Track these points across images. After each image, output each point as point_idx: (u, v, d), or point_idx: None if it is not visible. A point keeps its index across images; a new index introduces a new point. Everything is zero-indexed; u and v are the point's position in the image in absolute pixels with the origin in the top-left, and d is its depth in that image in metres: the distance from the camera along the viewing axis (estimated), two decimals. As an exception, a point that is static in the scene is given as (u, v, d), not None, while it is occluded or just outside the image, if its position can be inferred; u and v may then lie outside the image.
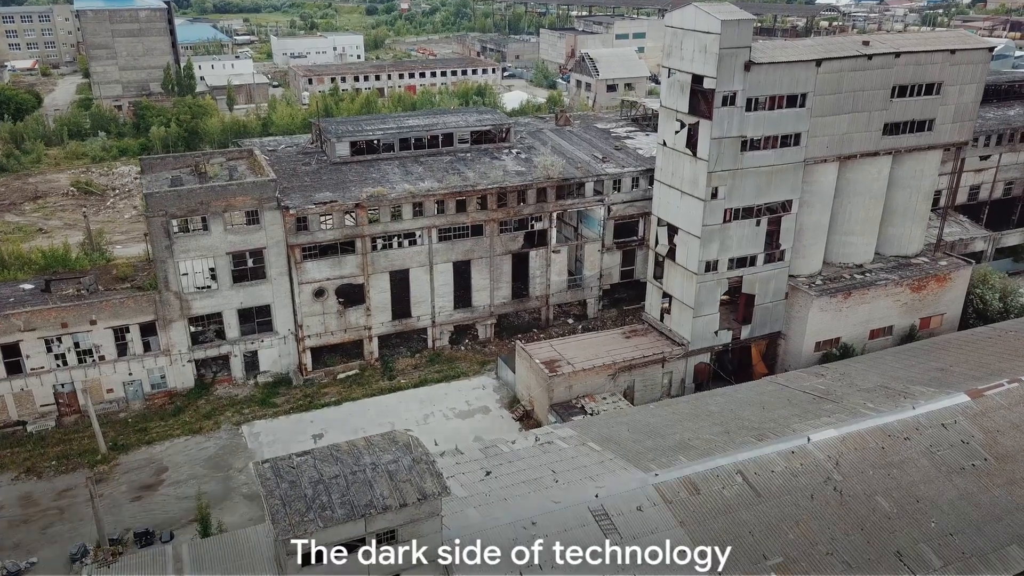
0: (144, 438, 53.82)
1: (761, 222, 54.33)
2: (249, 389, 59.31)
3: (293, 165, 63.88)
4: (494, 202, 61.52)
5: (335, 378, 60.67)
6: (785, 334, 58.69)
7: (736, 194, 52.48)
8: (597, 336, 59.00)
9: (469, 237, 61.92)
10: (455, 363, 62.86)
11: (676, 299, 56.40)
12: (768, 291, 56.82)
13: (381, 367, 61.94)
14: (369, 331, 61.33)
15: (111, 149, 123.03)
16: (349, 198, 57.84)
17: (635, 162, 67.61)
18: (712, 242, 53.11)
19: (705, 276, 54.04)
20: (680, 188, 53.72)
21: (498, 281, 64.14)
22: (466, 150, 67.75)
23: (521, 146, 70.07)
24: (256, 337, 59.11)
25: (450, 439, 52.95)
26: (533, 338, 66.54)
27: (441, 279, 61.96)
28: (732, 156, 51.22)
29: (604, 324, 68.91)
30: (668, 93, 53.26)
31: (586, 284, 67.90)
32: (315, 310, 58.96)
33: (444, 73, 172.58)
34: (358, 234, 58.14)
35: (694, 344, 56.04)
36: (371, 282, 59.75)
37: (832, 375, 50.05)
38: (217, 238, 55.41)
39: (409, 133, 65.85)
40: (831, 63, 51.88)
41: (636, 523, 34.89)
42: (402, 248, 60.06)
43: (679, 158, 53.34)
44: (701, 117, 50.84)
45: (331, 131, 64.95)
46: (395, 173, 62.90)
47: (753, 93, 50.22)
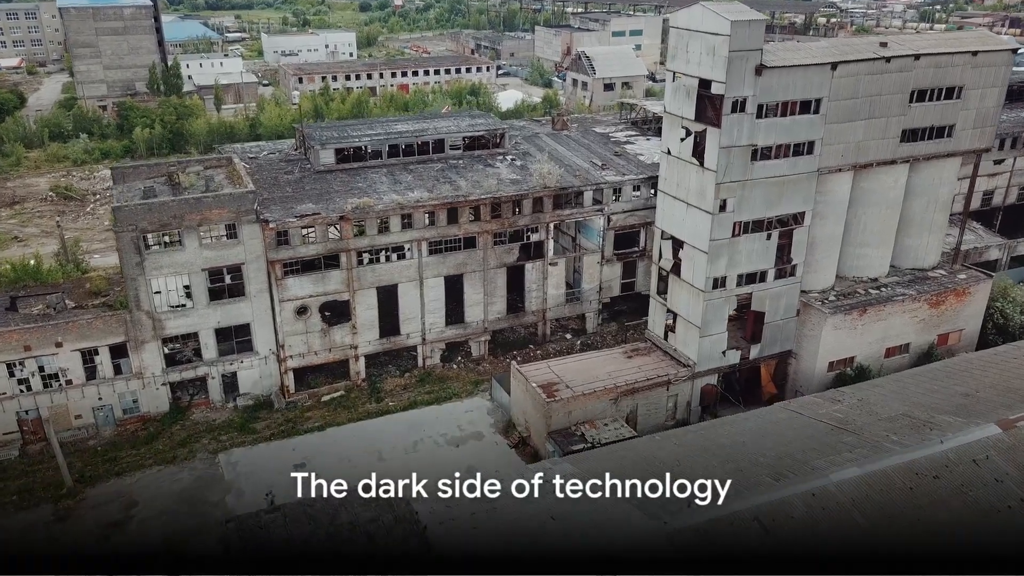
0: (114, 468, 50.33)
1: (772, 235, 50.99)
2: (228, 413, 55.82)
3: (275, 174, 60.32)
4: (487, 213, 58.08)
5: (319, 400, 57.21)
6: (796, 353, 55.37)
7: (746, 206, 49.13)
8: (597, 355, 55.59)
9: (461, 250, 58.48)
10: (447, 383, 59.45)
11: (681, 317, 53.04)
12: (779, 308, 53.50)
13: (368, 388, 58.50)
14: (355, 350, 57.87)
15: (93, 151, 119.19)
16: (333, 210, 54.33)
17: (636, 169, 64.19)
18: (720, 257, 49.76)
19: (712, 294, 50.69)
20: (686, 200, 50.33)
21: (492, 296, 60.73)
22: (458, 157, 64.28)
23: (516, 152, 66.60)
24: (235, 358, 55.62)
25: (441, 470, 49.64)
26: (529, 355, 63.19)
27: (432, 294, 58.53)
28: (742, 166, 47.85)
29: (604, 339, 65.56)
30: (673, 98, 49.84)
31: (585, 298, 64.51)
32: (297, 329, 55.49)
33: (437, 72, 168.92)
34: (343, 248, 54.65)
35: (701, 365, 52.71)
36: (357, 298, 56.30)
37: (849, 401, 46.72)
38: (192, 254, 51.89)
39: (398, 139, 62.33)
40: (847, 66, 48.49)
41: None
42: (390, 262, 56.60)
43: (685, 168, 49.94)
44: (708, 124, 47.44)
45: (315, 137, 61.41)
46: (383, 182, 59.39)
47: (764, 99, 46.85)
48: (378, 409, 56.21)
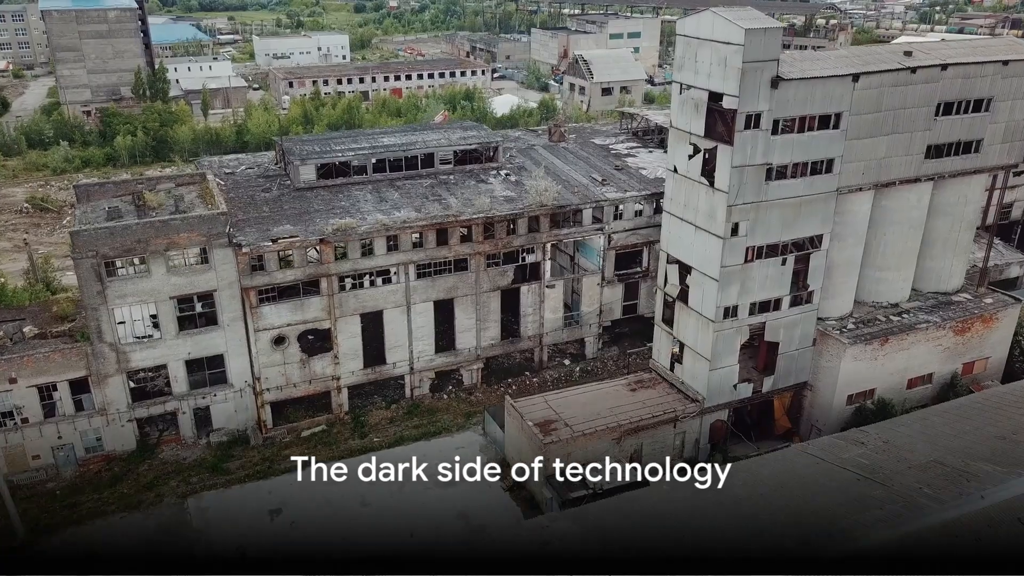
0: (73, 515, 46.30)
1: (787, 260, 47.08)
2: (200, 450, 51.76)
3: (252, 191, 56.27)
4: (480, 233, 54.10)
5: (299, 436, 53.20)
6: (812, 385, 51.46)
7: (760, 230, 45.20)
8: (599, 387, 51.58)
9: (452, 273, 54.49)
10: (436, 415, 55.45)
11: (689, 347, 49.08)
12: (794, 338, 49.58)
13: (352, 421, 54.50)
14: (337, 381, 53.84)
15: (74, 160, 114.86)
16: (312, 232, 50.29)
17: (638, 185, 60.24)
18: (731, 285, 45.82)
19: (723, 324, 46.75)
20: (694, 222, 46.39)
21: (485, 320, 56.75)
22: (449, 172, 60.29)
23: (511, 166, 62.63)
24: (208, 391, 51.57)
25: (429, 516, 45.76)
26: (525, 383, 59.26)
27: (420, 320, 54.54)
28: (756, 186, 43.93)
29: (604, 365, 61.64)
30: (680, 112, 45.90)
31: (584, 322, 60.55)
32: (275, 360, 51.45)
33: (431, 75, 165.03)
34: (323, 273, 50.63)
35: (710, 400, 48.76)
36: (339, 326, 52.28)
37: (873, 443, 42.75)
38: (159, 280, 47.84)
39: (384, 153, 58.32)
40: (870, 78, 44.59)
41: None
42: (374, 287, 52.59)
43: (693, 188, 46.00)
44: (719, 141, 43.51)
45: (295, 152, 57.36)
46: (367, 200, 55.36)
47: (780, 114, 42.94)
48: (362, 446, 52.19)
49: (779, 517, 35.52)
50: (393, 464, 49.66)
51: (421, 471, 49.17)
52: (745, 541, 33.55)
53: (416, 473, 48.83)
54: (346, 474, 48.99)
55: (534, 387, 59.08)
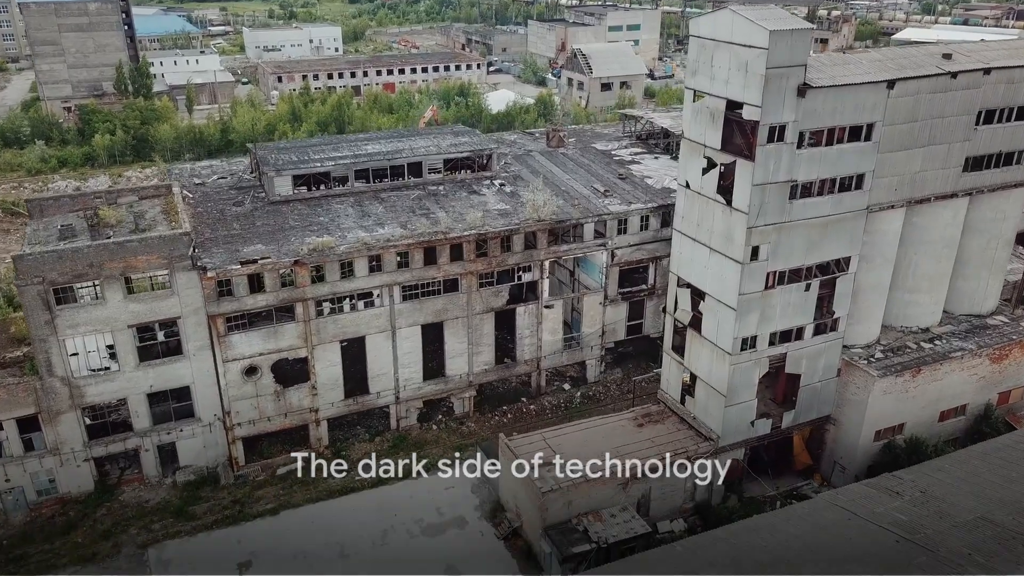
0: (20, 568, 41.73)
1: (811, 286, 42.51)
2: (165, 490, 47.21)
3: (222, 205, 51.53)
4: (472, 251, 49.43)
5: (274, 474, 48.62)
6: (836, 419, 46.99)
7: (782, 253, 40.61)
8: (603, 421, 47.00)
9: (441, 294, 49.86)
10: (425, 448, 50.87)
11: (702, 380, 44.55)
12: (817, 369, 45.07)
13: (332, 455, 49.88)
14: (316, 414, 49.28)
15: (50, 160, 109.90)
16: (286, 253, 45.60)
17: (644, 196, 55.55)
18: (750, 314, 41.24)
19: (740, 356, 42.19)
20: (708, 244, 41.77)
21: (478, 344, 52.16)
22: (438, 182, 55.56)
23: (506, 175, 57.93)
24: (173, 426, 47.00)
25: (415, 570, 41.34)
26: (521, 411, 54.74)
27: (406, 346, 49.93)
28: (779, 206, 39.31)
29: (607, 390, 57.10)
30: (693, 122, 41.21)
31: (585, 344, 55.97)
32: (246, 392, 46.85)
33: (425, 69, 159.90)
34: (298, 298, 45.97)
35: (725, 439, 44.26)
36: (316, 355, 47.67)
37: (910, 493, 38.30)
38: (115, 308, 43.17)
39: (367, 163, 53.55)
40: (906, 84, 39.92)
41: None
42: (356, 311, 47.93)
43: (707, 206, 41.36)
44: (738, 156, 38.86)
45: (269, 162, 52.56)
46: (348, 215, 50.66)
47: (807, 125, 38.29)
48: (342, 485, 47.58)
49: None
50: (376, 507, 45.80)
51: (406, 517, 45.18)
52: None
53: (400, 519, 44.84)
54: (324, 520, 44.91)
55: (531, 415, 54.59)
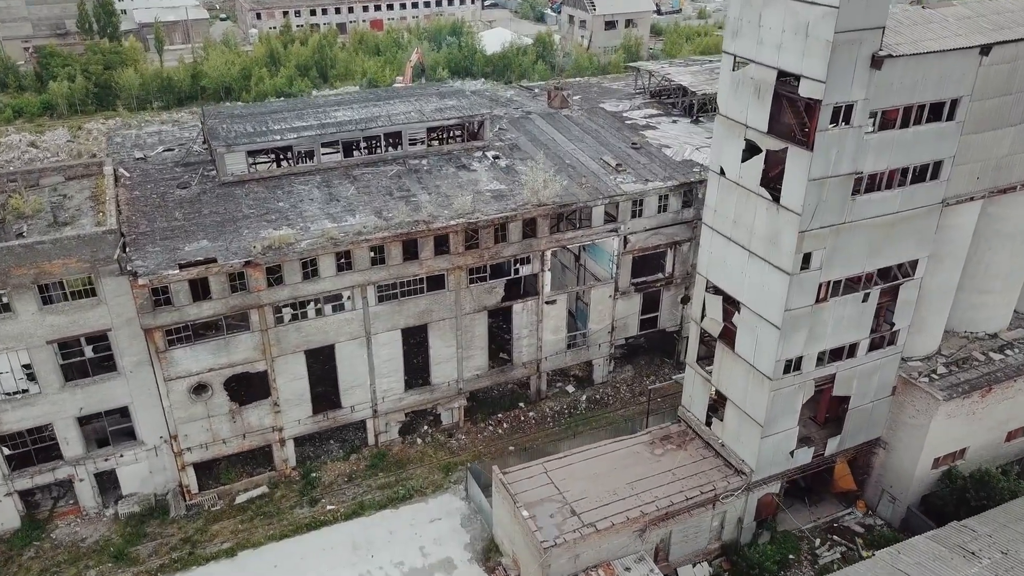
0: (-72, 631, 35.47)
1: (871, 295, 35.11)
2: (105, 524, 40.65)
3: (164, 187, 43.56)
4: (460, 243, 41.81)
5: (232, 502, 42.00)
6: (887, 442, 40.19)
7: (839, 259, 33.10)
8: (614, 447, 40.02)
9: (424, 294, 42.43)
10: (407, 469, 44.23)
11: (733, 403, 37.53)
12: (869, 388, 38.03)
13: (300, 479, 43.30)
14: (280, 433, 42.38)
15: (4, 110, 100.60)
16: (236, 251, 37.95)
17: (662, 170, 47.58)
18: (797, 332, 33.94)
19: (782, 381, 35.05)
20: (747, 246, 34.19)
21: (469, 348, 44.99)
22: (421, 154, 47.48)
23: (501, 144, 49.80)
24: (111, 451, 40.16)
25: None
26: (519, 419, 47.95)
27: (384, 353, 42.74)
28: (838, 204, 31.63)
29: (616, 391, 50.21)
30: (732, 96, 33.13)
31: (592, 341, 48.81)
32: (196, 413, 39.83)
33: (415, 5, 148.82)
34: (252, 304, 38.53)
35: (760, 472, 37.49)
36: (278, 368, 40.50)
37: (987, 554, 31.81)
38: (29, 322, 35.77)
39: (336, 134, 45.32)
40: (1004, 49, 31.74)
41: None
42: (322, 317, 40.54)
43: (747, 200, 33.63)
44: (791, 142, 30.96)
45: (221, 134, 44.31)
46: (313, 199, 42.80)
47: (881, 103, 30.33)
48: (311, 517, 41.04)
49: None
50: (350, 546, 39.31)
51: (384, 559, 38.73)
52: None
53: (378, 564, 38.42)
54: (289, 564, 38.50)
55: (530, 424, 47.82)
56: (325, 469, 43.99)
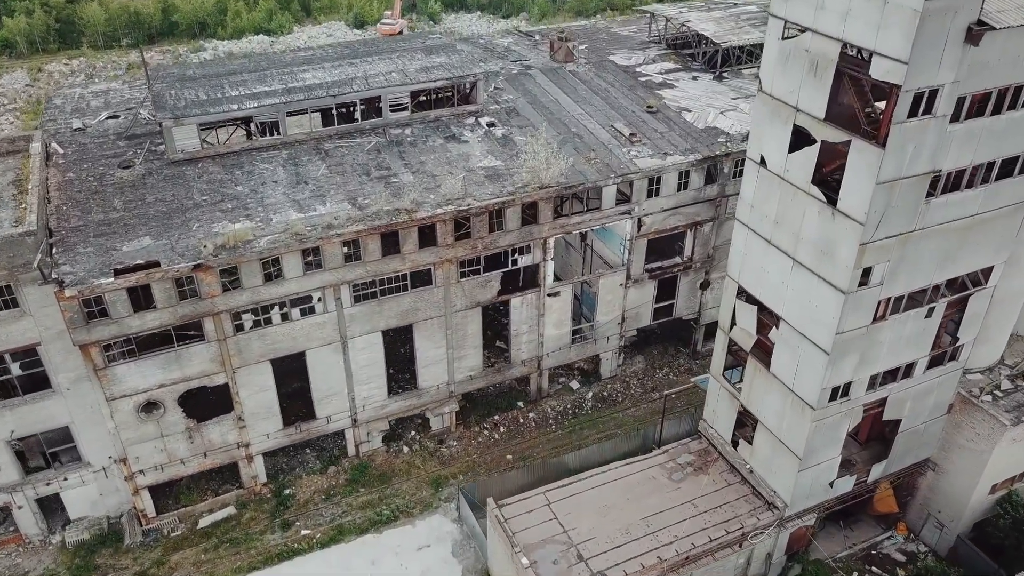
0: None
1: (936, 309, 29.56)
2: (51, 554, 36.05)
3: (103, 167, 37.39)
4: (449, 234, 35.94)
5: (195, 526, 37.30)
6: (937, 464, 35.23)
7: (904, 272, 27.44)
8: (628, 470, 35.04)
9: (408, 291, 36.79)
10: (392, 483, 39.43)
11: (766, 427, 32.38)
12: (924, 409, 32.85)
13: (273, 495, 38.53)
14: (247, 449, 37.36)
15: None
16: (184, 251, 32.14)
17: (682, 140, 41.30)
18: (849, 356, 28.52)
19: (827, 410, 29.82)
20: (791, 254, 28.44)
21: (461, 348, 39.62)
22: (404, 122, 41.09)
23: (496, 108, 43.35)
24: (53, 475, 35.21)
25: None
26: (517, 421, 43.00)
27: (363, 358, 37.38)
28: (909, 209, 25.79)
29: (626, 387, 45.12)
30: (779, 70, 26.86)
31: (600, 335, 43.42)
32: (147, 433, 34.71)
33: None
34: (206, 312, 32.94)
35: (795, 507, 32.62)
36: (240, 380, 35.20)
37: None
38: (-61, 339, 30.30)
39: (304, 101, 38.82)
40: (1125, 14, 25.32)
41: None
42: (289, 322, 34.98)
43: (794, 199, 27.72)
44: (855, 134, 24.89)
45: (167, 103, 37.81)
46: (278, 181, 36.71)
47: (971, 87, 24.16)
48: (284, 545, 36.38)
49: None
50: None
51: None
52: None
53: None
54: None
55: (530, 426, 42.87)
56: (300, 484, 39.18)
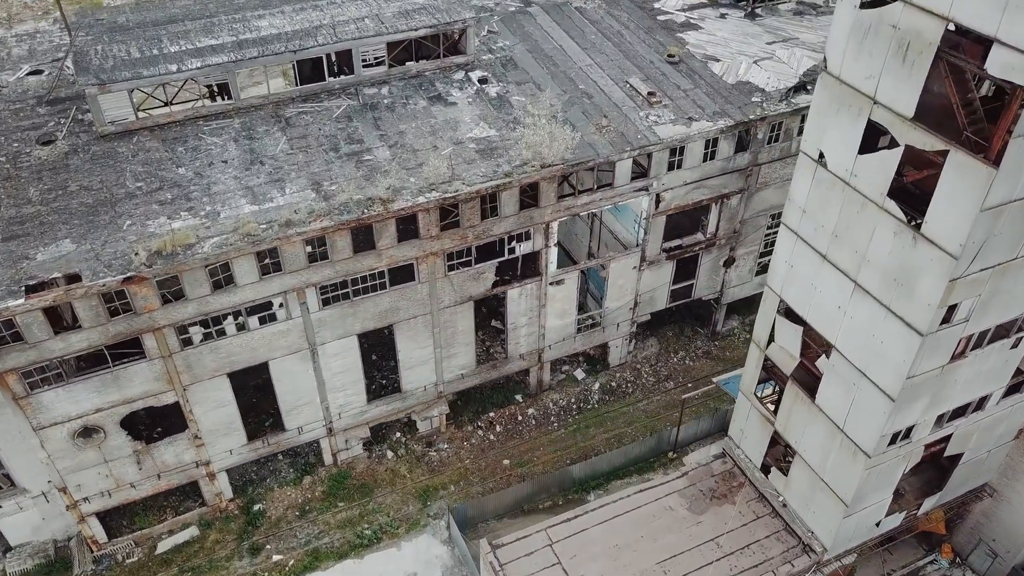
0: None
1: (1022, 341, 24.34)
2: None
3: (18, 144, 31.25)
4: (434, 223, 30.29)
5: (153, 551, 33.17)
6: (996, 490, 30.79)
7: (996, 305, 22.12)
8: (641, 498, 30.57)
9: (387, 290, 31.40)
10: (374, 495, 35.14)
11: (806, 462, 27.69)
12: (990, 439, 28.11)
13: (241, 512, 34.29)
14: (207, 467, 32.81)
15: None
16: (112, 257, 26.59)
17: (710, 99, 34.97)
18: (918, 400, 23.51)
19: (885, 455, 25.02)
20: (853, 276, 22.99)
21: (450, 346, 34.56)
22: (381, 79, 34.62)
23: (491, 58, 36.76)
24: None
25: None
26: (515, 419, 38.54)
27: (336, 365, 32.37)
28: (1011, 237, 20.21)
29: (637, 376, 40.37)
30: (853, 48, 20.72)
31: (609, 322, 38.26)
32: (87, 460, 30.05)
33: None
34: (144, 328, 27.67)
35: (835, 550, 28.28)
36: (193, 397, 30.28)
37: None
38: None
39: (260, 58, 32.24)
40: None
41: None
42: (247, 332, 29.76)
43: (861, 211, 22.06)
44: (957, 145, 19.05)
45: (92, 64, 31.27)
46: (228, 160, 30.69)
47: (1119, 85, 18.16)
48: (252, 574, 32.33)
49: None
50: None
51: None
52: None
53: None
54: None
55: (529, 423, 38.33)
56: (271, 498, 34.87)
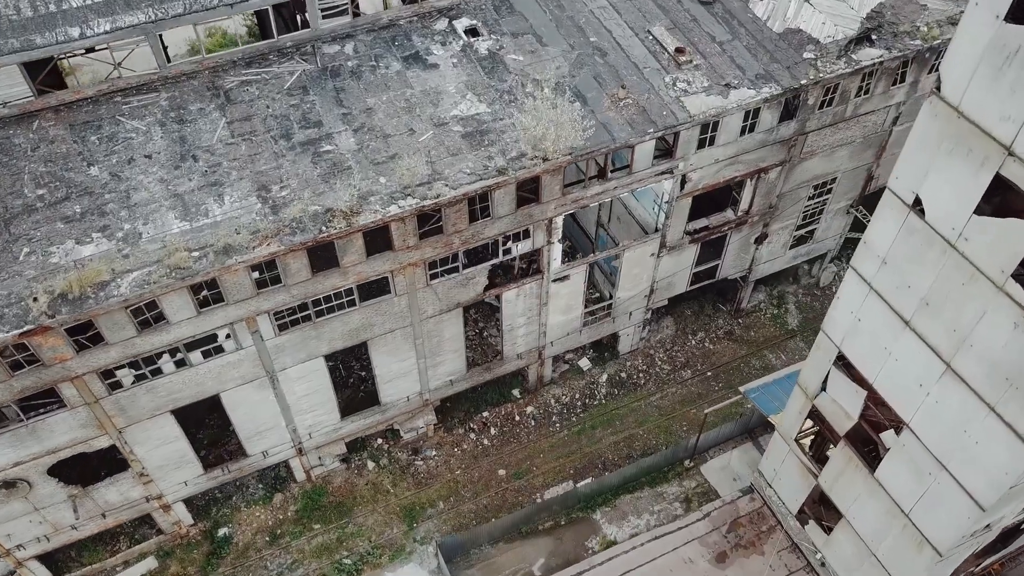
0: None
1: None
2: (-74, 629, 28.67)
3: None
4: (411, 233, 24.64)
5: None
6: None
7: None
8: (659, 547, 26.63)
9: (357, 307, 26.13)
10: (353, 515, 31.26)
11: (856, 533, 23.39)
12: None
13: (204, 537, 30.54)
14: (159, 500, 28.69)
15: None
16: (2, 303, 21.24)
17: (751, 56, 28.30)
18: (1012, 503, 18.89)
19: (958, 548, 20.67)
20: (943, 356, 17.80)
21: (436, 355, 29.67)
22: (343, 32, 27.83)
23: (478, 6, 29.70)
24: (-97, 550, 26.85)
25: None
26: (512, 419, 34.45)
27: (301, 388, 27.61)
28: None
29: (650, 364, 35.72)
30: (987, 76, 14.62)
31: (620, 312, 33.13)
32: (14, 511, 25.86)
33: None
34: (57, 379, 22.68)
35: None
36: (131, 438, 25.71)
37: None
38: None
39: (187, 15, 25.42)
40: None
41: None
42: (190, 368, 24.76)
43: (969, 283, 16.60)
44: None
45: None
46: (152, 155, 24.60)
47: None
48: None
49: None
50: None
51: None
52: None
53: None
54: None
55: (527, 424, 34.04)
56: (239, 519, 30.99)
